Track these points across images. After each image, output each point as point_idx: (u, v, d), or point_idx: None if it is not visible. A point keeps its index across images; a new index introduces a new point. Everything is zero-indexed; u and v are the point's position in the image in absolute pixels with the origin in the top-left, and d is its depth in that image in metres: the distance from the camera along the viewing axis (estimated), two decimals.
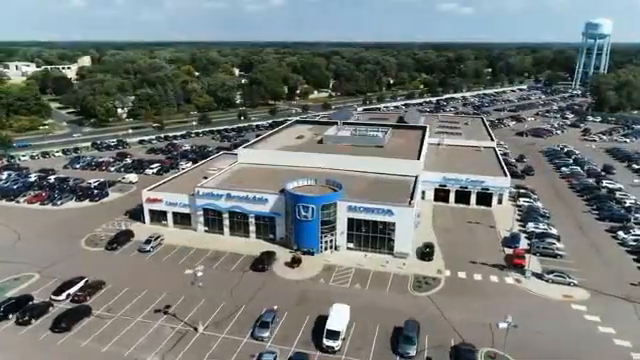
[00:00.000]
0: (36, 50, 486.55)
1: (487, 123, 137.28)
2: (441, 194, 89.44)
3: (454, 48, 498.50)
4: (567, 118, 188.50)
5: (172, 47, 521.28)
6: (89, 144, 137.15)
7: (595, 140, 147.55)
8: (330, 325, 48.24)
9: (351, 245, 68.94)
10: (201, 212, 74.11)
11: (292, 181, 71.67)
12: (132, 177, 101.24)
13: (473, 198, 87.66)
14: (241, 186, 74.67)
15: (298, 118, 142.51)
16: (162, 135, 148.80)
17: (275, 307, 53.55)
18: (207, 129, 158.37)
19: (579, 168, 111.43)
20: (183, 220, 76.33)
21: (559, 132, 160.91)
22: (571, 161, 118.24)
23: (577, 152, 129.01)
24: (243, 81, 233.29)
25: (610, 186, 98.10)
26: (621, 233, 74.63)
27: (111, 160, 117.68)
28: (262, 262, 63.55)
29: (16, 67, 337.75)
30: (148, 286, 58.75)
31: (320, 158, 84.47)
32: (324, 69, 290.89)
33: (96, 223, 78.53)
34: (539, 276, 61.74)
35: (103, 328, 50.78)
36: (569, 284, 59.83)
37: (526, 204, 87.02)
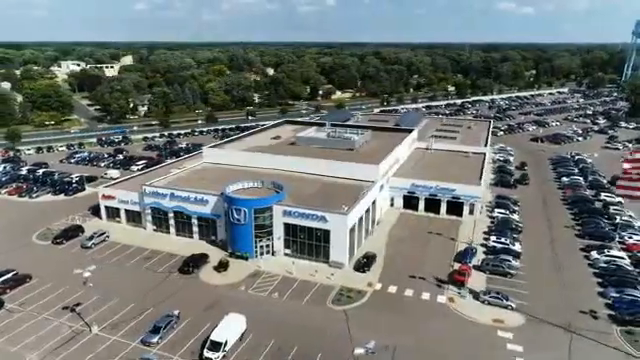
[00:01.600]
0: (90, 50, 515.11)
1: (492, 127, 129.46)
2: (413, 202, 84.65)
3: (505, 49, 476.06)
4: (597, 124, 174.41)
5: (223, 47, 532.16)
6: (95, 140, 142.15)
7: (618, 149, 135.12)
8: (214, 335, 46.15)
9: (288, 251, 66.31)
10: (149, 211, 74.10)
11: (237, 182, 70.05)
12: (114, 173, 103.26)
13: (443, 207, 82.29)
14: (190, 186, 73.90)
15: (288, 118, 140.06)
16: (166, 133, 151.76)
17: (176, 312, 52.11)
18: (212, 128, 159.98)
19: (581, 179, 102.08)
20: (135, 218, 76.67)
21: (580, 139, 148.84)
22: (576, 171, 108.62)
23: (589, 161, 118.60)
24: (261, 80, 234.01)
25: (608, 199, 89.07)
26: (594, 253, 67.08)
27: (106, 156, 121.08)
28: (188, 265, 62.33)
29: (67, 66, 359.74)
30: (70, 282, 59.11)
31: (280, 160, 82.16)
32: (353, 70, 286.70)
33: (58, 217, 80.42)
34: (477, 296, 56.50)
35: (5, 322, 51.42)
36: (506, 307, 54.20)
37: (500, 216, 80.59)
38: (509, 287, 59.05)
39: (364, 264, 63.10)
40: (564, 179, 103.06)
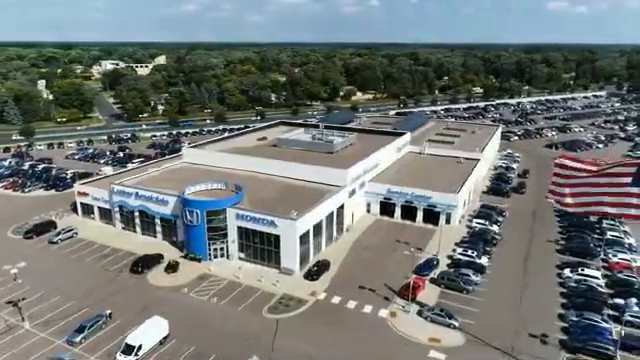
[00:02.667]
0: (133, 49, 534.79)
1: (505, 132, 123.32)
2: (391, 208, 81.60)
3: (551, 50, 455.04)
4: (626, 130, 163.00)
5: (263, 47, 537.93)
6: (105, 137, 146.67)
7: None
8: (129, 339, 45.78)
9: (242, 255, 65.31)
10: (117, 209, 75.11)
11: (201, 183, 69.82)
12: (108, 170, 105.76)
13: (420, 215, 78.85)
14: (159, 186, 74.26)
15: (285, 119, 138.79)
16: (174, 131, 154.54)
17: (108, 312, 52.20)
18: (221, 127, 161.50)
19: None
20: (107, 216, 77.92)
21: (601, 146, 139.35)
22: None
23: None
24: (281, 80, 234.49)
25: None
26: (567, 271, 62.10)
27: (108, 153, 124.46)
28: (138, 264, 62.49)
29: (105, 65, 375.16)
30: (22, 277, 60.48)
31: (252, 162, 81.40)
32: (378, 71, 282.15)
33: (42, 212, 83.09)
34: (421, 312, 53.41)
35: None
36: (449, 325, 50.89)
37: (478, 227, 76.29)
38: (462, 304, 55.56)
39: (315, 272, 61.14)
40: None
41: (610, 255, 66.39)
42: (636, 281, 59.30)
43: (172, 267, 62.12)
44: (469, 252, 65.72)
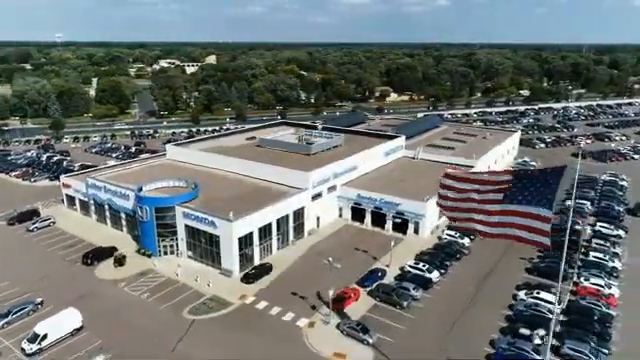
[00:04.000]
0: (192, 49, 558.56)
1: (531, 139, 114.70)
2: (362, 213, 78.77)
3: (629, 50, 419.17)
4: None
5: (325, 47, 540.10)
6: (128, 132, 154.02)
7: None
8: (37, 327, 47.45)
9: (190, 254, 65.79)
10: (92, 201, 78.39)
11: (163, 180, 71.31)
12: (111, 163, 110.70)
13: (389, 222, 75.43)
14: (134, 181, 76.32)
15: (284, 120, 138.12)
16: (194, 129, 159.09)
17: (39, 300, 54.48)
18: (239, 126, 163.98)
19: (588, 204, 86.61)
20: (86, 207, 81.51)
21: (637, 157, 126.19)
22: (592, 194, 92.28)
23: (624, 184, 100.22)
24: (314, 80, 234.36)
25: (604, 230, 74.69)
26: (522, 293, 56.71)
27: (122, 148, 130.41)
28: (88, 256, 64.71)
29: (160, 64, 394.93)
30: None
31: (227, 161, 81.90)
32: (417, 72, 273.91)
33: (35, 201, 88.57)
34: (339, 324, 50.94)
35: None
36: (362, 341, 48.12)
37: (449, 238, 71.70)
38: (390, 319, 52.43)
39: (253, 275, 60.32)
40: (568, 202, 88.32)
41: (582, 279, 59.83)
42: (596, 310, 52.93)
43: (119, 261, 63.78)
44: (420, 265, 61.84)
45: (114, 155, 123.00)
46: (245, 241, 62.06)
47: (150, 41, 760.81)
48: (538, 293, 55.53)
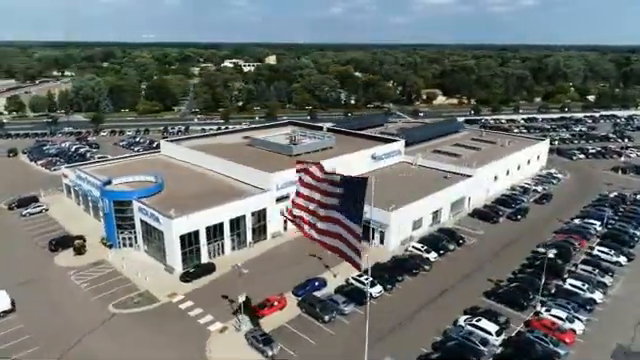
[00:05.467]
0: (260, 50, 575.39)
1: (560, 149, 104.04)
2: None
3: None
4: None
5: (401, 48, 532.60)
6: (161, 128, 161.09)
7: None
8: None
9: (146, 248, 66.90)
10: (80, 192, 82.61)
11: (136, 175, 73.47)
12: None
13: None
14: (122, 173, 79.55)
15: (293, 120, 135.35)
16: (224, 127, 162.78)
17: None
18: (267, 123, 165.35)
19: (597, 224, 76.19)
20: (78, 197, 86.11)
21: None
22: (609, 212, 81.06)
23: None
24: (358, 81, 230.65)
25: (602, 255, 65.45)
26: (462, 319, 50.92)
27: (147, 142, 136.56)
28: (52, 243, 67.97)
29: (226, 64, 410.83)
30: None
31: (207, 159, 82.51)
32: (475, 74, 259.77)
33: (45, 188, 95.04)
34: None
35: None
36: (262, 352, 45.82)
37: (413, 251, 66.56)
38: (306, 332, 49.63)
39: (191, 274, 60.00)
40: (576, 221, 78.64)
41: (543, 310, 52.59)
42: (540, 347, 46.10)
43: (78, 250, 66.38)
44: (362, 278, 57.85)
45: (136, 149, 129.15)
46: (190, 239, 61.93)
47: (229, 42, 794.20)
48: (478, 320, 49.58)
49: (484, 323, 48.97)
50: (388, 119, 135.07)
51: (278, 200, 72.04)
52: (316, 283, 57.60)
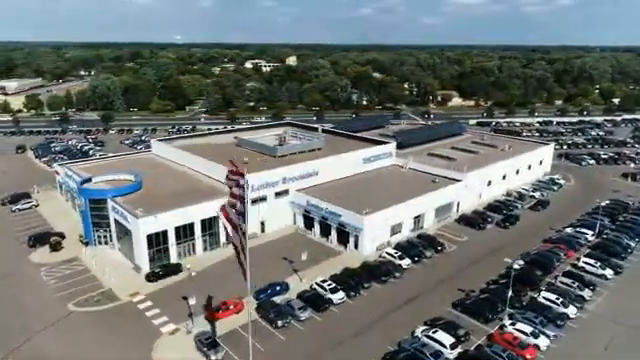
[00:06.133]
0: (283, 50, 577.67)
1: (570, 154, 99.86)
2: (312, 222, 74.32)
3: None
4: None
5: (432, 49, 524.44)
6: (169, 127, 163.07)
7: None
8: None
9: (120, 246, 67.29)
10: (67, 189, 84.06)
11: (115, 173, 74.20)
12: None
13: (333, 234, 70.28)
14: (99, 173, 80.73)
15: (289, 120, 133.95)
16: (230, 127, 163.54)
17: None
18: (272, 123, 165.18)
19: (589, 234, 72.21)
20: (66, 194, 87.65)
21: None
22: (606, 221, 76.72)
23: None
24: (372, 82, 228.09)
25: (587, 267, 61.96)
26: (419, 330, 48.87)
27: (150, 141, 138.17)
28: (31, 239, 69.11)
29: (246, 64, 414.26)
30: None
31: (191, 159, 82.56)
32: (495, 75, 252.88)
33: (43, 184, 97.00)
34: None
35: None
36: (207, 356, 45.05)
37: (386, 257, 64.57)
38: (257, 337, 48.27)
39: (156, 274, 59.89)
40: (567, 230, 74.87)
41: (508, 323, 49.95)
42: None
43: (54, 246, 67.30)
44: (325, 284, 56.42)
45: (138, 147, 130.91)
46: (158, 239, 61.89)
47: (257, 42, 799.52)
48: (435, 332, 47.45)
49: (440, 335, 46.83)
50: (390, 121, 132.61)
51: (254, 202, 71.28)
52: (277, 287, 56.50)
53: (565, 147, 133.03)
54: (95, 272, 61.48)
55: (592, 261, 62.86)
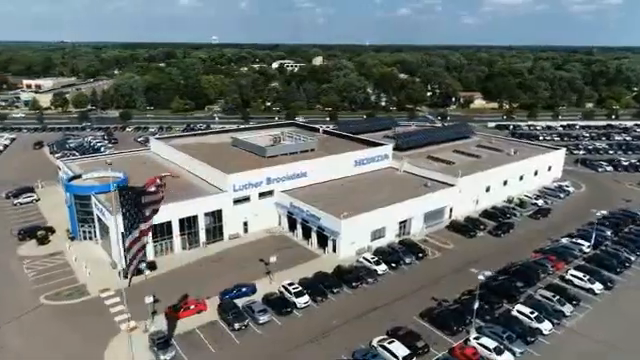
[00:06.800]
0: (314, 51, 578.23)
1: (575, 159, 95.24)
2: (295, 224, 73.51)
3: None
4: None
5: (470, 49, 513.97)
6: (184, 126, 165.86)
7: None
8: None
9: (102, 242, 68.53)
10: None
11: (103, 171, 75.62)
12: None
13: (314, 237, 69.24)
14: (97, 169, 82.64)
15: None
16: (244, 125, 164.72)
17: None
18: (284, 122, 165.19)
19: (584, 245, 68.04)
20: None
21: None
22: (607, 233, 72.24)
23: None
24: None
25: (575, 280, 58.47)
26: (375, 340, 47.11)
27: None
28: (21, 232, 71.37)
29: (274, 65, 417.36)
30: None
31: (182, 158, 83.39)
32: (518, 77, 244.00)
33: (39, 179, 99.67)
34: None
35: None
36: (156, 356, 45.00)
37: (363, 262, 62.94)
38: (212, 339, 48.30)
39: (133, 271, 60.48)
40: (563, 240, 70.90)
41: (472, 337, 47.56)
42: None
43: (40, 240, 69.29)
44: (291, 287, 55.46)
45: (148, 145, 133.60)
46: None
47: (290, 43, 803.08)
48: (391, 342, 45.68)
49: (394, 346, 45.07)
50: (397, 122, 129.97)
51: (236, 202, 71.19)
52: (244, 289, 56.00)
53: (583, 152, 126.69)
54: (74, 267, 62.87)
55: (580, 274, 59.21)
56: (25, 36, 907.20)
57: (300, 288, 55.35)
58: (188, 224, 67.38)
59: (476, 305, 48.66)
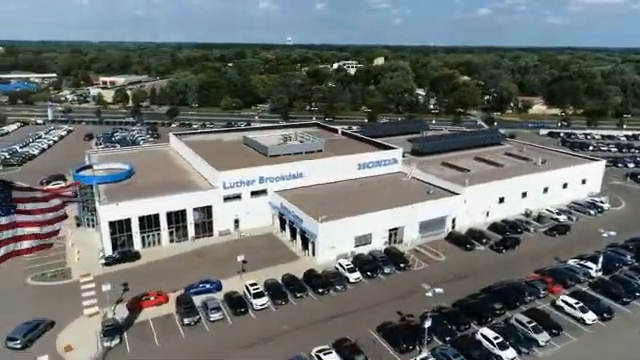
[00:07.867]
0: (381, 52, 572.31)
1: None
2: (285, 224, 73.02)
3: None
4: None
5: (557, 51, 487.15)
6: (225, 123, 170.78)
7: None
8: None
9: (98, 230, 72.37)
10: None
11: (112, 163, 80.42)
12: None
13: (298, 238, 68.32)
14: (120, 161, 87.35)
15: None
16: (260, 124, 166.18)
17: None
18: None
19: (593, 267, 60.63)
20: None
21: None
22: (627, 257, 63.91)
23: None
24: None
25: (566, 307, 52.52)
26: (314, 349, 45.26)
27: None
28: None
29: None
30: None
31: (186, 152, 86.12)
32: (588, 81, 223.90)
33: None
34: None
35: None
36: (102, 342, 46.62)
37: (338, 269, 60.91)
38: (162, 331, 49.19)
39: (114, 259, 63.47)
40: (569, 262, 63.82)
41: (419, 358, 44.20)
42: None
43: None
44: (252, 288, 54.93)
45: None
46: (122, 226, 65.40)
47: (362, 44, 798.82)
48: (327, 354, 43.82)
49: (330, 358, 43.08)
50: (428, 126, 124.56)
51: (227, 199, 71.97)
52: (208, 285, 56.45)
53: (633, 165, 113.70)
54: (67, 251, 66.98)
55: (573, 301, 53.01)
56: (120, 37, 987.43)
57: (261, 289, 54.82)
58: (176, 218, 69.24)
59: (428, 324, 45.09)
